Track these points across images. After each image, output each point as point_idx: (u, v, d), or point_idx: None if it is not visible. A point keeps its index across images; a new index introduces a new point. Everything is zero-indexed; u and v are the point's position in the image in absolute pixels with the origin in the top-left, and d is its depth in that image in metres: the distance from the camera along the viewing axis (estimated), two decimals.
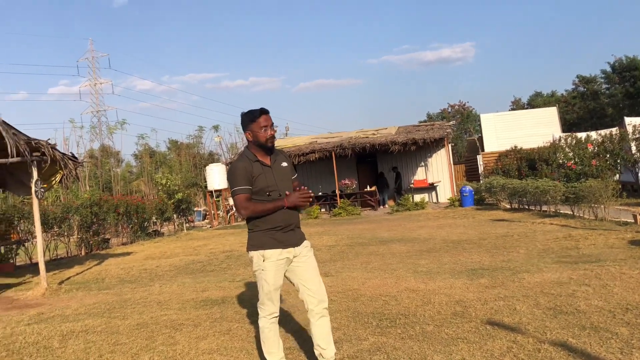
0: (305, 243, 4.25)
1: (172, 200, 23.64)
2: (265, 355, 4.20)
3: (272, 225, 4.05)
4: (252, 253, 4.13)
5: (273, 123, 4.14)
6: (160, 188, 25.55)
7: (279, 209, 4.02)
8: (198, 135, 54.53)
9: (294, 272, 4.18)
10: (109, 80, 66.36)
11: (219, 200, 26.83)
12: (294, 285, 4.26)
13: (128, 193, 40.24)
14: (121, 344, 5.61)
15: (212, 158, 49.01)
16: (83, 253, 16.89)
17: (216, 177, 25.91)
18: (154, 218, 22.34)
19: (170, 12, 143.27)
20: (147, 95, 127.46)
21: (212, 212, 26.35)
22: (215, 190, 26.05)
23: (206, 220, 29.03)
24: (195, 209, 30.25)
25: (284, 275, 4.18)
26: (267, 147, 4.11)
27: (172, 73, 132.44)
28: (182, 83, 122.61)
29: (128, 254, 15.11)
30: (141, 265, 12.14)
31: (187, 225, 24.98)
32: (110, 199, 19.54)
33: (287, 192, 4.09)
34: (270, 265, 4.05)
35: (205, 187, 28.82)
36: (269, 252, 4.05)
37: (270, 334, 4.15)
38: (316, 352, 4.21)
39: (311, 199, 4.09)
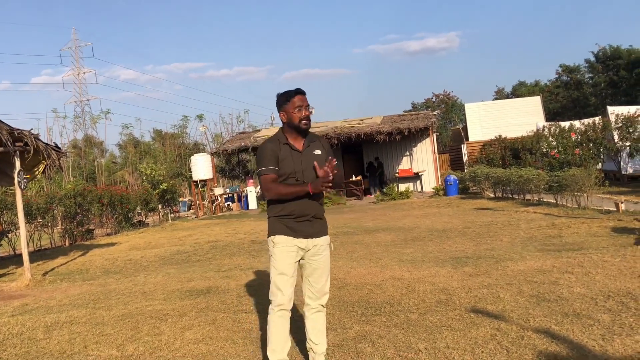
0: (323, 239, 4.00)
1: (157, 191, 23.52)
2: (267, 352, 3.91)
3: (287, 213, 3.88)
4: (268, 239, 3.98)
5: (309, 104, 3.95)
6: (144, 178, 25.42)
7: (304, 193, 3.80)
8: (183, 125, 54.33)
9: (304, 266, 3.99)
10: (92, 69, 65.85)
11: (204, 191, 26.75)
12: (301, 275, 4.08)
13: (112, 183, 40.05)
14: (106, 335, 5.59)
15: (197, 148, 48.84)
16: (67, 244, 16.79)
17: (201, 167, 25.83)
18: (138, 208, 22.23)
19: (155, 0, 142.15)
20: (131, 85, 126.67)
21: (197, 202, 26.28)
22: (201, 181, 25.96)
23: (191, 211, 28.95)
24: (180, 199, 30.14)
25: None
26: (301, 129, 3.91)
27: (156, 62, 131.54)
28: (166, 72, 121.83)
29: (112, 244, 15.04)
30: (126, 256, 12.09)
31: (172, 215, 24.90)
32: (94, 190, 19.40)
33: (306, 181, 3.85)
34: (278, 251, 3.87)
35: (190, 177, 28.73)
36: (278, 238, 3.88)
37: (274, 328, 3.86)
38: (307, 346, 4.10)
39: (330, 183, 3.77)
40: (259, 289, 7.18)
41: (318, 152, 3.99)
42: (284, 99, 3.91)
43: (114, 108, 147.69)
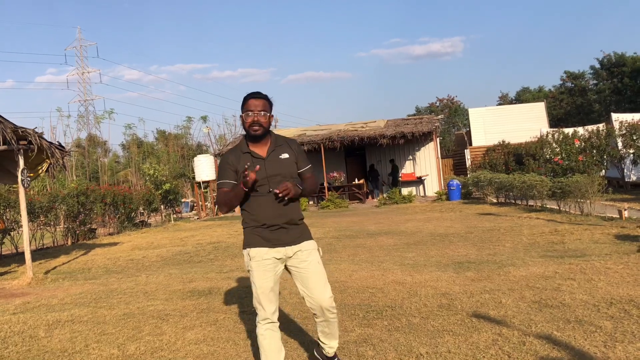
0: (306, 244, 3.81)
1: (160, 191, 23.56)
2: None
3: (257, 223, 3.70)
4: (243, 251, 3.80)
5: (265, 110, 3.68)
6: (147, 178, 25.47)
7: (240, 193, 3.61)
8: (186, 125, 54.44)
9: (295, 276, 3.84)
10: (96, 69, 66.10)
11: (206, 192, 26.77)
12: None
13: (115, 183, 40.07)
14: (107, 334, 5.60)
15: (200, 149, 48.94)
16: (69, 243, 16.82)
17: (204, 168, 25.85)
18: (141, 208, 22.26)
19: (160, 1, 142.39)
20: (135, 85, 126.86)
21: (200, 203, 26.30)
22: (203, 182, 25.98)
23: (194, 212, 28.97)
24: (183, 200, 30.16)
25: (292, 277, 3.90)
26: (250, 134, 3.69)
27: (160, 63, 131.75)
28: (170, 73, 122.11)
29: (115, 244, 15.06)
30: (128, 256, 12.10)
31: (175, 216, 24.92)
32: (97, 189, 19.43)
33: (271, 189, 3.64)
34: (255, 265, 3.68)
35: (193, 178, 28.75)
36: (253, 251, 3.70)
37: (264, 342, 3.65)
38: (318, 339, 4.05)
39: (288, 194, 3.59)
40: None
41: (285, 155, 3.78)
42: (242, 104, 3.73)
43: (118, 108, 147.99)
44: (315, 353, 4.19)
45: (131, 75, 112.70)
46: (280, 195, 3.57)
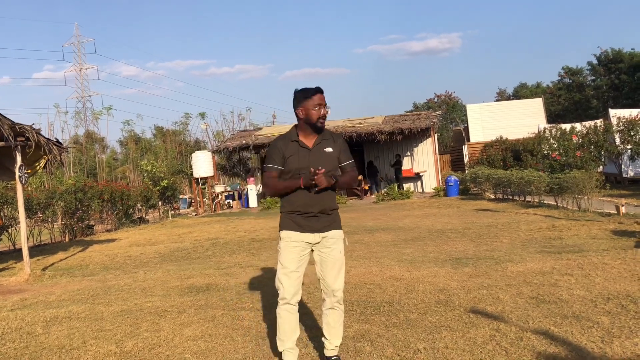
0: (333, 233, 4.07)
1: (158, 187, 23.55)
2: (277, 340, 4.09)
3: (293, 209, 4.02)
4: (279, 233, 4.11)
5: (326, 104, 4.04)
6: (145, 175, 25.44)
7: (295, 187, 3.95)
8: (184, 122, 54.39)
9: (317, 261, 4.10)
10: (94, 65, 66.03)
11: (204, 188, 26.76)
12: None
13: (113, 179, 40.02)
14: (105, 330, 5.60)
15: (198, 145, 48.91)
16: (67, 239, 16.80)
17: (202, 164, 25.81)
18: (138, 205, 22.25)
19: None
20: (133, 81, 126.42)
21: (198, 199, 26.29)
22: (201, 178, 25.96)
23: (191, 208, 28.95)
24: (181, 196, 30.16)
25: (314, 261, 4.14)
26: (318, 127, 4.00)
27: (158, 59, 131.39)
28: (168, 69, 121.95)
29: (112, 240, 15.05)
30: (125, 252, 12.09)
31: (172, 212, 24.92)
32: (95, 185, 19.40)
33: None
34: (284, 246, 4.01)
35: (191, 174, 28.71)
36: (284, 233, 4.04)
37: (280, 320, 4.00)
38: (323, 338, 4.21)
39: (324, 184, 3.84)
40: (258, 286, 7.19)
41: (329, 149, 4.05)
42: (304, 96, 3.99)
43: (116, 104, 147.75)
44: None
45: (129, 71, 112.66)
46: (313, 183, 3.84)
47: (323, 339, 4.19)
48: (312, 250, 4.10)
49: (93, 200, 18.20)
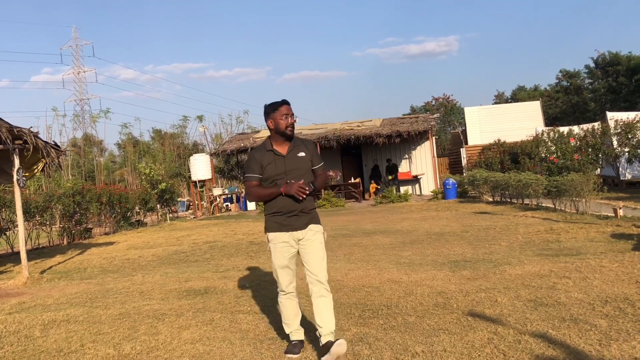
0: (313, 227, 4.49)
1: (156, 190, 23.51)
2: (284, 325, 4.67)
3: (276, 210, 4.42)
4: (266, 235, 4.55)
5: (294, 113, 4.46)
6: (143, 178, 25.35)
7: (276, 195, 4.37)
8: (182, 125, 54.26)
9: (301, 253, 4.48)
10: (92, 68, 65.73)
11: (202, 191, 26.74)
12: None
13: (111, 182, 39.98)
14: (103, 334, 5.59)
15: (196, 148, 48.83)
16: (65, 242, 16.79)
17: (200, 167, 25.81)
18: (137, 208, 22.20)
19: (156, 0, 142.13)
20: (131, 84, 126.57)
21: (196, 202, 26.28)
22: (199, 181, 25.96)
23: (190, 211, 28.94)
24: (179, 199, 30.12)
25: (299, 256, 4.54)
26: (287, 135, 4.41)
27: (156, 62, 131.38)
28: (166, 72, 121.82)
29: (110, 243, 15.04)
30: (124, 255, 12.09)
31: (171, 215, 24.87)
32: (93, 188, 19.37)
33: (291, 181, 4.34)
34: (272, 247, 4.48)
35: (189, 177, 28.71)
36: (272, 235, 4.48)
37: (283, 307, 4.60)
38: (317, 332, 4.38)
39: (305, 195, 4.31)
40: (256, 289, 7.18)
41: (302, 154, 4.50)
42: (272, 109, 4.44)
43: (114, 107, 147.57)
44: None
45: (127, 74, 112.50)
46: (298, 197, 4.32)
47: (318, 331, 4.36)
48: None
49: (91, 203, 18.18)
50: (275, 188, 4.36)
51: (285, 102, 4.46)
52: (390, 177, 25.20)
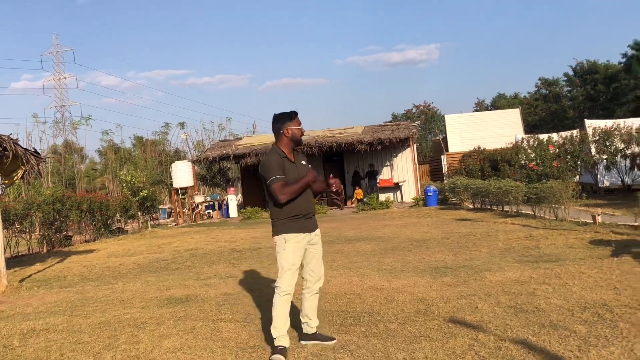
0: (318, 231, 4.97)
1: (137, 198, 23.34)
2: (272, 329, 4.71)
3: (296, 213, 4.74)
4: (276, 238, 4.79)
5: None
6: (124, 185, 25.16)
7: (306, 184, 4.75)
8: (164, 132, 54.04)
9: (306, 255, 4.84)
10: (73, 75, 65.05)
11: (184, 198, 26.60)
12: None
13: (92, 190, 39.66)
14: (83, 343, 5.55)
15: (178, 155, 48.61)
16: (45, 250, 16.61)
17: (182, 174, 25.66)
18: (117, 215, 22.04)
19: (138, 7, 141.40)
20: (112, 91, 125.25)
21: (178, 209, 26.14)
22: (181, 188, 25.82)
23: (171, 218, 28.76)
24: (160, 206, 29.93)
25: None
26: (300, 143, 4.91)
27: (138, 69, 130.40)
28: (148, 79, 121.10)
29: (91, 251, 14.91)
30: (104, 263, 11.99)
31: (152, 223, 24.72)
32: (74, 196, 19.20)
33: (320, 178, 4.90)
34: (291, 247, 4.70)
35: (171, 184, 28.54)
36: (289, 236, 4.71)
37: (280, 311, 4.68)
38: (302, 320, 4.95)
39: (340, 187, 4.67)
40: (238, 297, 7.17)
41: (304, 162, 4.95)
42: (289, 118, 4.85)
43: (95, 114, 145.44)
44: (303, 342, 4.98)
45: (108, 81, 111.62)
46: (335, 189, 5.03)
47: (306, 320, 4.94)
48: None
49: (71, 211, 18.02)
50: (304, 179, 4.74)
51: (297, 113, 4.89)
52: (368, 181, 25.20)
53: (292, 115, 4.85)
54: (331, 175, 4.80)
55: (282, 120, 4.84)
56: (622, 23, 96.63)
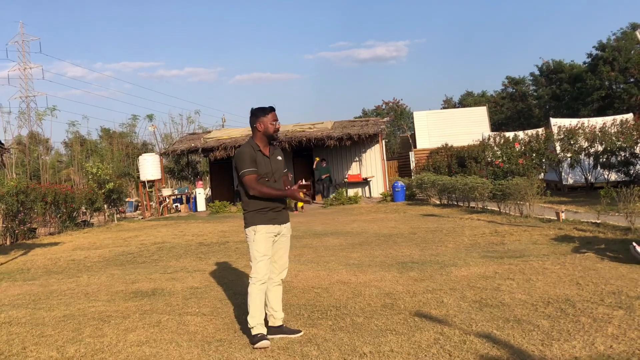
0: (288, 224, 5.11)
1: (103, 190, 23.03)
2: (248, 318, 4.81)
3: (266, 206, 4.86)
4: (248, 229, 4.90)
5: (278, 119, 5.00)
6: (90, 177, 24.80)
7: (282, 197, 4.92)
8: (131, 124, 53.31)
9: (274, 245, 4.96)
10: (39, 65, 64.04)
11: (151, 191, 26.35)
12: None
13: (57, 182, 39.03)
14: (46, 336, 5.47)
15: (145, 148, 48.07)
16: (8, 243, 16.31)
17: (149, 167, 25.38)
18: (83, 208, 21.73)
19: None
20: (79, 82, 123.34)
21: (145, 203, 25.88)
22: (148, 181, 25.56)
23: (138, 212, 28.47)
24: (127, 199, 29.60)
25: None
26: (274, 138, 5.01)
27: (105, 60, 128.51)
28: (115, 71, 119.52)
29: (56, 244, 14.69)
30: (69, 256, 11.83)
31: (118, 216, 24.43)
32: (38, 187, 18.87)
33: (291, 187, 4.96)
34: (261, 238, 4.82)
35: (138, 177, 28.23)
36: (259, 227, 4.84)
37: (257, 298, 4.80)
38: (267, 313, 4.98)
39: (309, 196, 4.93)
40: (205, 291, 7.13)
41: (279, 158, 5.08)
42: (263, 113, 4.95)
43: (61, 105, 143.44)
44: (269, 335, 4.90)
45: (75, 72, 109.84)
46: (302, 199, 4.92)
47: (271, 312, 5.00)
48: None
49: (36, 203, 17.71)
50: (282, 191, 4.88)
51: (273, 109, 4.99)
52: (324, 176, 25.11)
53: (266, 110, 4.96)
54: (302, 180, 4.67)
55: (257, 114, 4.96)
56: (587, 23, 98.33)
